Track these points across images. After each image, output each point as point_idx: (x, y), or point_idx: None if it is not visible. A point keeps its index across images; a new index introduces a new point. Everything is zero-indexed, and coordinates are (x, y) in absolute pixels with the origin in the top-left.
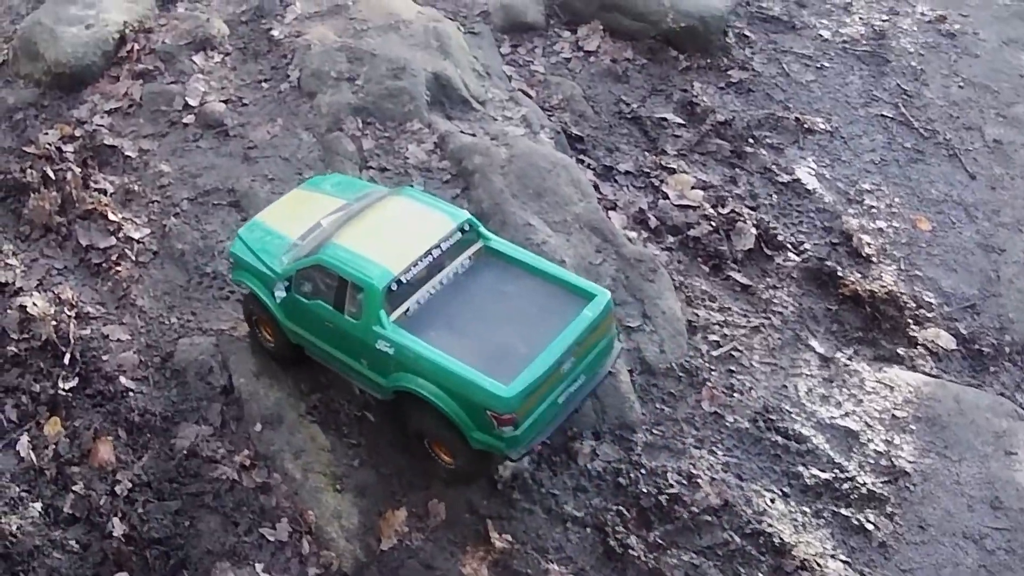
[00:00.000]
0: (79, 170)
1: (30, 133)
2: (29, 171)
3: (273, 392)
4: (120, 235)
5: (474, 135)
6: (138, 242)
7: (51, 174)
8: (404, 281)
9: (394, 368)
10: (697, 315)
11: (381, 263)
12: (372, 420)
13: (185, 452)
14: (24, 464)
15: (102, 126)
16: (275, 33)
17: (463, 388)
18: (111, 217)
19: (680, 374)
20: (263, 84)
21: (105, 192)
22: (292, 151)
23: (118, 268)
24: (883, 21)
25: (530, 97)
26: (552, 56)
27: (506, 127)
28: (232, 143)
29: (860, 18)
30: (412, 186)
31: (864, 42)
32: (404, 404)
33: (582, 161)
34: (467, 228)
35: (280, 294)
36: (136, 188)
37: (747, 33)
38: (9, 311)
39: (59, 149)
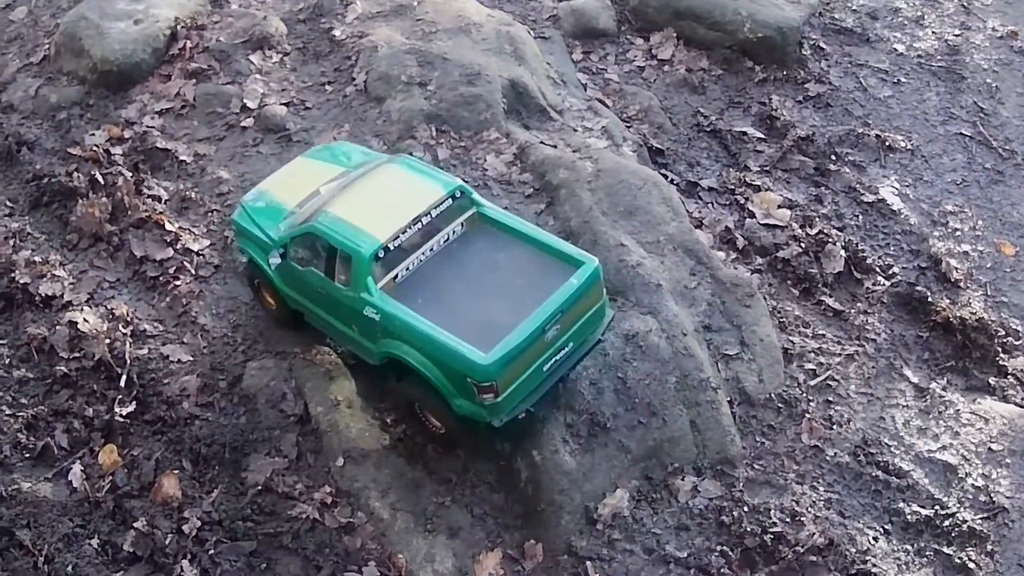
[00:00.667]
0: (130, 175)
1: (75, 134)
2: (76, 174)
3: (355, 422)
4: (178, 246)
5: (555, 147)
6: (197, 254)
7: (100, 178)
8: (392, 248)
9: (382, 335)
10: (792, 342)
11: (369, 231)
12: (461, 455)
13: (259, 487)
14: (78, 496)
15: (153, 128)
16: (336, 33)
17: (445, 356)
18: (167, 227)
19: (779, 405)
20: (326, 87)
21: (159, 199)
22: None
23: (176, 282)
24: (955, 36)
25: (607, 107)
26: (625, 64)
27: (588, 139)
28: (295, 149)
29: (933, 32)
30: (410, 155)
31: (938, 57)
32: (395, 371)
33: (664, 176)
34: (458, 195)
35: (275, 261)
36: (193, 195)
37: (822, 45)
38: (58, 327)
39: (107, 152)
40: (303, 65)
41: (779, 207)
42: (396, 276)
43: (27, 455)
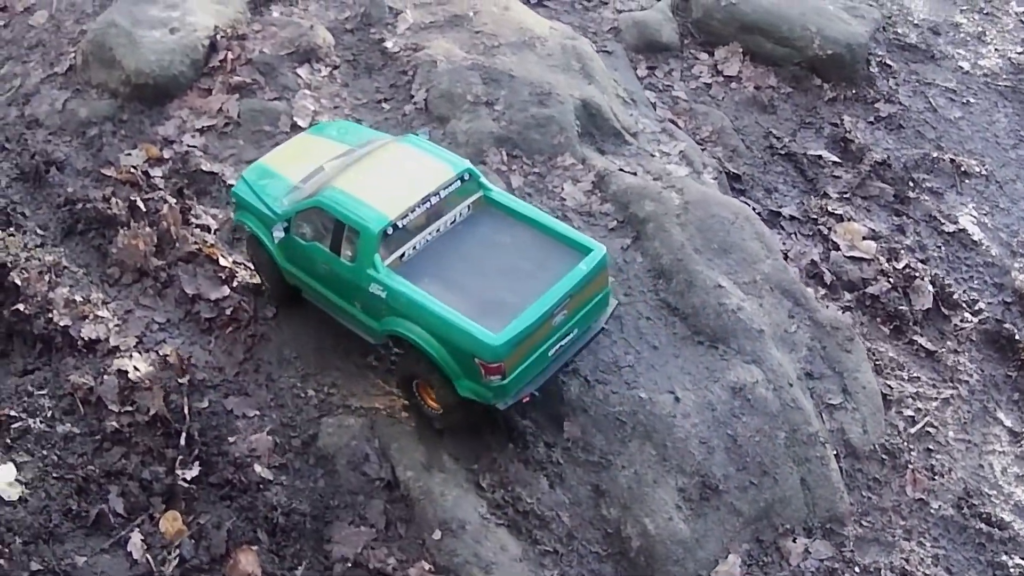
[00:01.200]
0: (175, 201)
1: (108, 152)
2: (114, 200)
3: (449, 489)
4: (234, 284)
5: (635, 174)
6: (255, 292)
7: (141, 205)
8: (400, 226)
9: (386, 312)
10: (890, 387)
11: (378, 208)
12: (566, 521)
13: (348, 562)
14: (138, 569)
15: (194, 147)
16: (388, 45)
17: (452, 335)
18: (221, 261)
19: (883, 456)
20: (383, 104)
21: (208, 229)
22: None
23: (235, 324)
24: (1018, 54)
25: (679, 127)
26: (691, 81)
27: (667, 165)
28: None
29: (995, 49)
30: (417, 134)
31: (1004, 76)
32: (395, 348)
33: (745, 204)
34: (467, 177)
35: (278, 235)
36: None
37: (888, 62)
38: (106, 376)
39: (146, 174)
40: (355, 79)
41: (864, 238)
42: (403, 255)
43: (79, 523)
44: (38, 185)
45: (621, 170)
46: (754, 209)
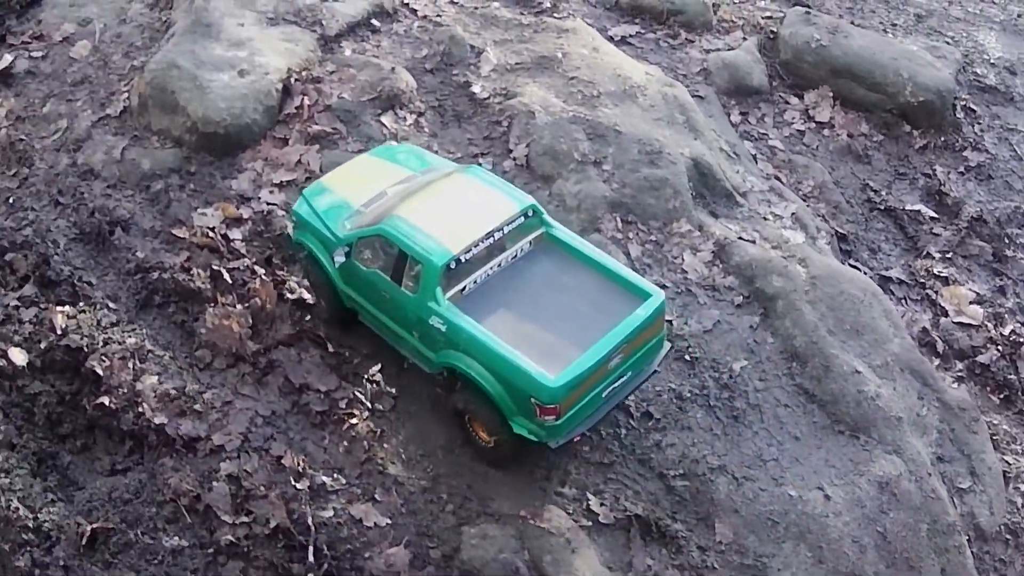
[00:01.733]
0: (263, 271)
1: (177, 210)
2: (195, 271)
3: None
4: (344, 371)
5: (753, 241)
6: (371, 381)
7: (226, 275)
8: (463, 260)
9: (444, 345)
10: (1008, 463)
11: (442, 241)
12: None
13: None
14: None
15: (275, 205)
16: (476, 89)
17: (511, 374)
18: (328, 346)
19: (1007, 536)
20: (478, 159)
21: (306, 305)
22: None
23: (351, 419)
24: None
25: (781, 182)
26: (784, 127)
27: (782, 231)
28: None
29: None
30: (480, 164)
31: None
32: (450, 380)
33: (855, 267)
34: (531, 213)
35: (340, 259)
36: None
37: (972, 106)
38: (215, 483)
39: (225, 237)
40: (443, 129)
41: (970, 303)
42: (463, 288)
43: None
44: (102, 248)
45: (740, 238)
46: (865, 273)
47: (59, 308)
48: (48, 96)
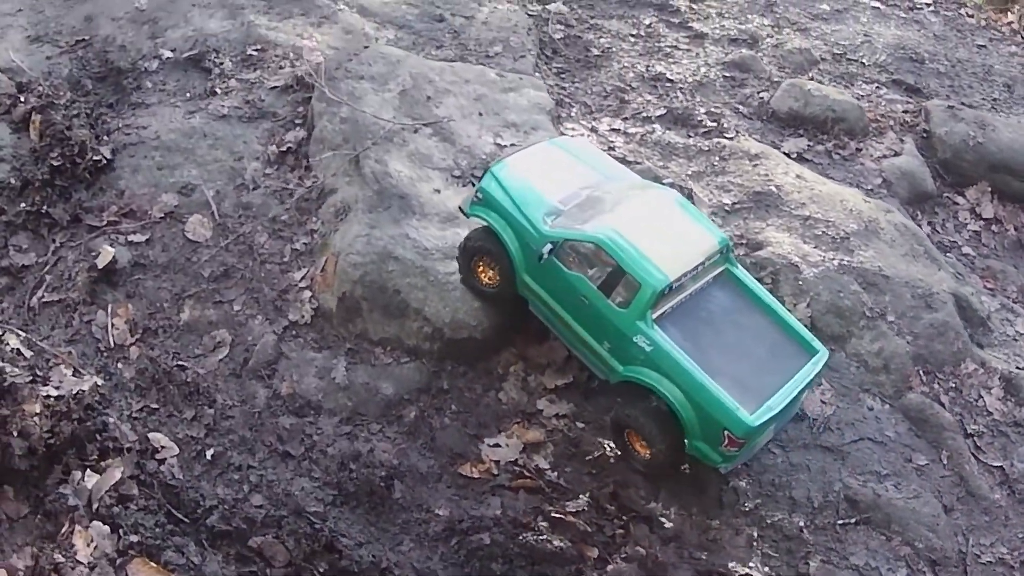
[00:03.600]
0: (619, 522)
1: (449, 441)
2: (537, 525)
3: None
4: None
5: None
6: None
7: (584, 525)
8: (673, 287)
9: (642, 363)
10: None
11: (661, 266)
12: None
13: None
14: None
15: (565, 417)
16: None
17: (708, 403)
18: None
19: None
20: None
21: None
22: (865, 427)
23: None
24: None
25: (992, 292)
26: (961, 230)
27: None
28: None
29: None
30: (665, 183)
31: None
32: (620, 393)
33: None
34: (724, 251)
35: (544, 254)
36: None
37: None
38: None
39: (539, 471)
40: None
41: None
42: (663, 312)
43: None
44: (382, 509)
45: (1019, 368)
46: None
47: None
48: (180, 297)
